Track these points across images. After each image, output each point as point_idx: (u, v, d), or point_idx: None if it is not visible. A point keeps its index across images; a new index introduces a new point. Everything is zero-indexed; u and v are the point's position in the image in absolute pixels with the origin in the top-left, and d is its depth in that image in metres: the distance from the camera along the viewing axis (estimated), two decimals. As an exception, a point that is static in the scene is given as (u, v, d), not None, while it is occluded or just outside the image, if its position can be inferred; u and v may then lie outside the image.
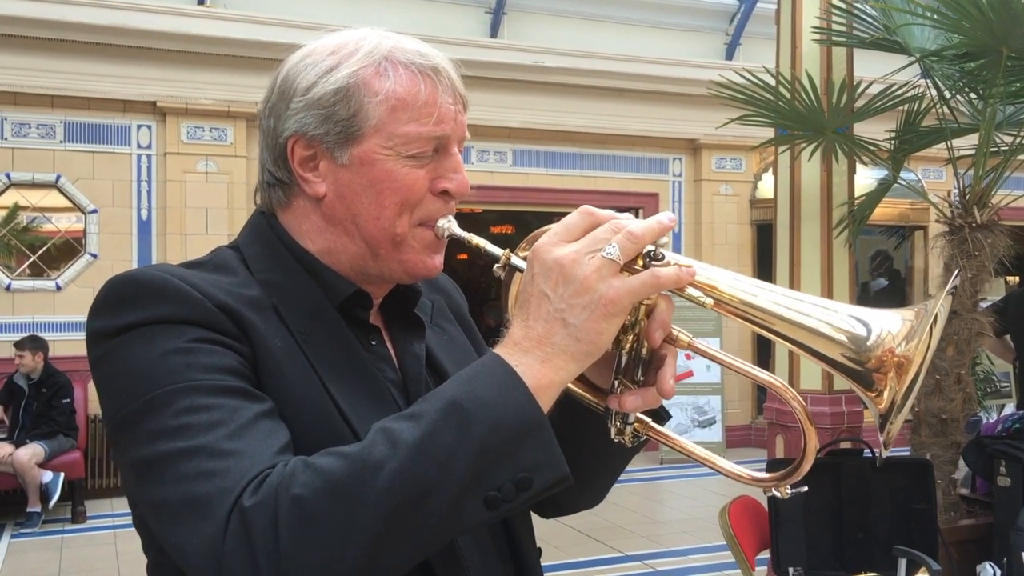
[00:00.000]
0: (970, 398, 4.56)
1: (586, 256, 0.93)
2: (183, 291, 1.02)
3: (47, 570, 6.44)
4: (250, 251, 1.16)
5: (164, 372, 0.97)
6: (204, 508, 0.89)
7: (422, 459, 0.87)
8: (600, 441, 1.12)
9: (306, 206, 1.15)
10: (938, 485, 4.27)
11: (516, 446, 0.89)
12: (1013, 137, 4.72)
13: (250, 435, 0.94)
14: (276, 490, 0.87)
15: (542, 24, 10.34)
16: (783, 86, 4.93)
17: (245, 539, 0.86)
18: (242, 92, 8.92)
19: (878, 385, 0.93)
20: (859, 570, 3.63)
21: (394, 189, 1.10)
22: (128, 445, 0.98)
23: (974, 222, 4.42)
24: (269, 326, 1.07)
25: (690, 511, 7.90)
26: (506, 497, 0.89)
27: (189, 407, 0.94)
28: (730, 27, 11.07)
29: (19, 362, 7.76)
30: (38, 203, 8.63)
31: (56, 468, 7.63)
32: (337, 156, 1.11)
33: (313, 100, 1.11)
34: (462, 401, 0.90)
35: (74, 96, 8.53)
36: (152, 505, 0.96)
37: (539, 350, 0.94)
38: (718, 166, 10.92)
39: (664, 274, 0.94)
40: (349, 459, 0.88)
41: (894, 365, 0.92)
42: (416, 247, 1.13)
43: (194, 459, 0.91)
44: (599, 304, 0.92)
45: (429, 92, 1.10)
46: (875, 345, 0.93)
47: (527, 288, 0.96)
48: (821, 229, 5.26)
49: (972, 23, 4.08)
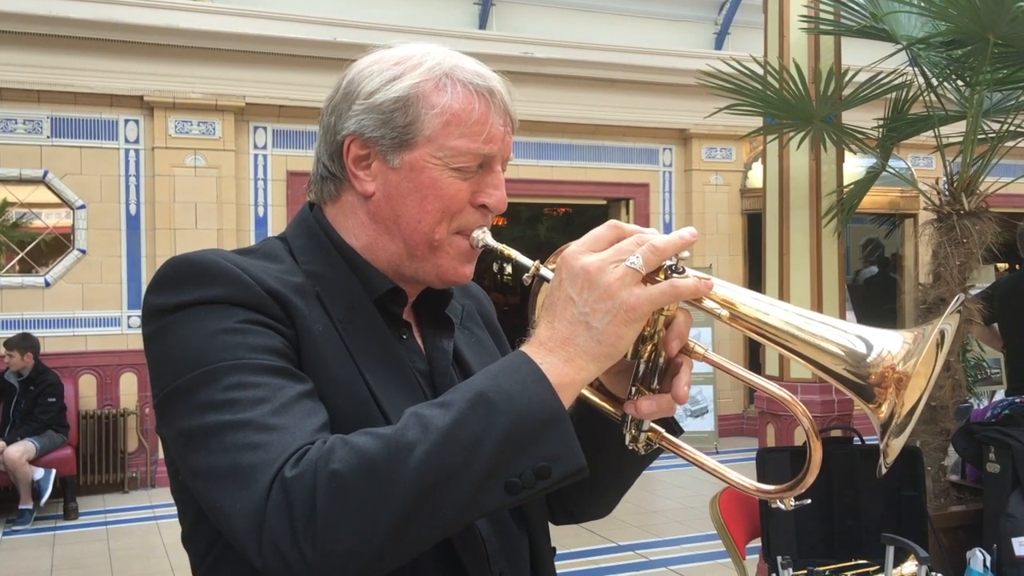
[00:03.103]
0: (960, 385, 4.58)
1: (611, 265, 1.00)
2: (236, 274, 1.10)
3: (39, 567, 6.43)
4: (297, 242, 1.24)
5: (215, 349, 1.04)
6: (248, 477, 0.95)
7: (451, 444, 0.93)
8: (615, 451, 1.20)
9: (353, 202, 1.23)
10: (927, 472, 4.29)
11: (538, 437, 0.95)
12: (1000, 124, 4.73)
13: (292, 412, 1.01)
14: (315, 464, 0.93)
15: (531, 15, 10.32)
16: (771, 75, 4.93)
17: (286, 507, 0.92)
18: (230, 86, 8.90)
19: (879, 398, 0.99)
20: (848, 558, 3.64)
21: (437, 196, 1.17)
22: (177, 415, 1.04)
23: (962, 209, 4.43)
24: (312, 312, 1.14)
25: (682, 501, 7.93)
26: (526, 484, 0.95)
27: (238, 383, 1.01)
28: (719, 16, 11.06)
29: (8, 361, 7.74)
30: (26, 199, 8.59)
31: (48, 465, 7.62)
32: (389, 159, 1.19)
33: (374, 105, 1.18)
34: (489, 393, 0.96)
35: (61, 91, 8.48)
36: (198, 472, 1.01)
37: (563, 350, 1.00)
38: (708, 155, 10.93)
39: (683, 284, 1.01)
40: (384, 440, 0.95)
41: (894, 381, 0.97)
42: (451, 254, 1.21)
43: (241, 431, 0.98)
44: (621, 310, 0.99)
45: (482, 111, 1.18)
46: (876, 362, 0.99)
47: (554, 292, 1.03)
48: (810, 218, 5.27)
49: (958, 10, 4.08)
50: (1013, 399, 4.87)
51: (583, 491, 1.35)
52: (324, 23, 8.97)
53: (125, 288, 8.78)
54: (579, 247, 1.03)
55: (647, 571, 6.10)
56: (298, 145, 9.32)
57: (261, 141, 9.26)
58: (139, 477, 8.65)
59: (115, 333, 8.74)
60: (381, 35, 8.92)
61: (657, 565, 6.20)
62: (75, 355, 8.59)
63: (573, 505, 1.39)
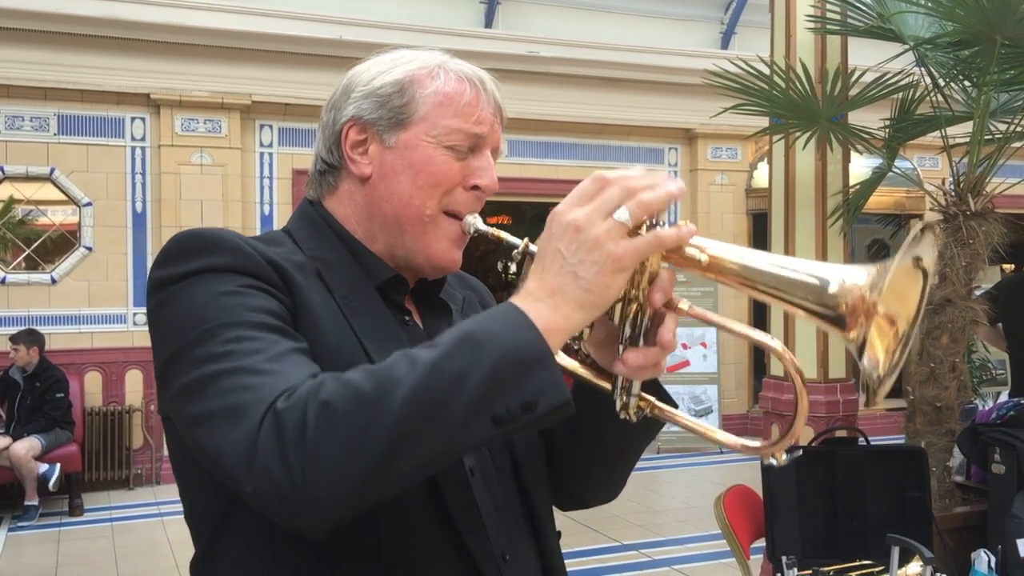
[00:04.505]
0: (965, 386, 4.57)
1: (598, 218, 1.03)
2: (237, 244, 1.14)
3: (44, 563, 6.45)
4: (300, 233, 1.28)
5: (215, 309, 1.07)
6: (241, 413, 0.98)
7: (437, 377, 0.95)
8: (611, 425, 1.22)
9: (351, 189, 1.29)
10: (932, 473, 4.28)
11: (523, 373, 0.97)
12: (1007, 125, 4.72)
13: (286, 361, 1.04)
14: (306, 396, 0.96)
15: (537, 14, 10.31)
16: (777, 75, 4.92)
17: (277, 435, 0.95)
18: (236, 84, 8.91)
19: (850, 327, 1.00)
20: (853, 558, 3.64)
21: (430, 172, 1.24)
22: (177, 375, 1.07)
23: (969, 210, 4.42)
24: (311, 285, 1.19)
25: (686, 500, 7.93)
26: (512, 417, 0.97)
27: (235, 337, 1.05)
28: (725, 16, 11.05)
29: (13, 356, 7.76)
30: (32, 196, 8.61)
31: (53, 461, 7.63)
32: (386, 139, 1.25)
33: (372, 90, 1.26)
34: (476, 333, 0.99)
35: (68, 88, 8.50)
36: (193, 420, 1.03)
37: (551, 299, 1.03)
38: (714, 155, 10.91)
39: (665, 233, 1.04)
40: (372, 373, 0.98)
41: (863, 311, 0.99)
42: (441, 235, 1.26)
43: (236, 376, 1.01)
44: (608, 260, 1.01)
45: (472, 96, 1.26)
46: (842, 293, 1.01)
47: (543, 247, 1.06)
48: (816, 218, 5.26)
49: (966, 11, 4.07)
50: (1018, 400, 4.86)
51: (588, 472, 1.37)
52: (330, 21, 8.98)
53: (131, 285, 8.80)
54: (566, 203, 1.06)
55: (651, 570, 6.10)
56: (304, 143, 9.33)
57: (267, 139, 9.27)
58: (144, 474, 8.68)
59: (121, 330, 8.76)
60: (387, 33, 8.92)
61: (661, 564, 6.20)
62: (81, 352, 8.61)
63: (580, 488, 1.40)
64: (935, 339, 4.47)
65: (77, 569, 6.32)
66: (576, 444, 1.34)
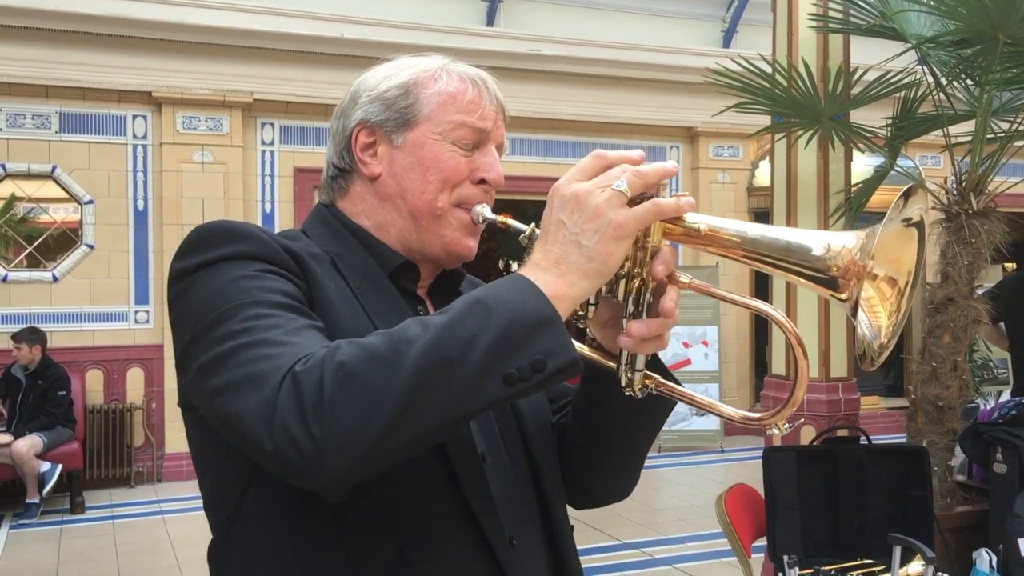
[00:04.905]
0: (967, 385, 4.57)
1: (598, 189, 1.08)
2: (254, 233, 1.19)
3: (46, 561, 6.46)
4: (314, 232, 1.33)
5: (233, 292, 1.11)
6: (261, 380, 1.01)
7: (449, 338, 0.99)
8: (618, 409, 1.29)
9: (362, 189, 1.34)
10: (934, 472, 4.28)
11: (532, 334, 1.01)
12: (1009, 123, 4.71)
13: (304, 335, 1.08)
14: (323, 358, 1.00)
15: (538, 12, 10.31)
16: (779, 73, 4.92)
17: (295, 395, 0.98)
18: (238, 82, 8.91)
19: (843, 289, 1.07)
20: (855, 557, 3.64)
21: (439, 168, 1.28)
22: (196, 356, 1.10)
23: (971, 209, 4.42)
24: (326, 273, 1.23)
25: (687, 499, 7.93)
26: (523, 376, 1.00)
27: (254, 315, 1.08)
28: (727, 14, 11.04)
29: (16, 354, 7.76)
30: (34, 194, 8.62)
31: (55, 459, 7.64)
32: (394, 139, 1.30)
33: (378, 94, 1.31)
34: (486, 299, 1.03)
35: (69, 86, 8.50)
36: (215, 391, 1.06)
37: (556, 268, 1.07)
38: (716, 154, 10.91)
39: (664, 202, 1.08)
40: (386, 335, 1.02)
41: (855, 273, 1.06)
42: (454, 225, 1.30)
43: (255, 348, 1.05)
44: (609, 228, 1.05)
45: (475, 94, 1.31)
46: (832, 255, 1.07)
47: (546, 220, 1.11)
48: (818, 217, 5.25)
49: (968, 9, 4.07)
50: (1020, 399, 4.85)
51: (599, 466, 1.39)
52: (332, 19, 8.97)
53: (132, 283, 8.81)
54: (567, 177, 1.12)
55: (652, 569, 6.10)
56: (305, 141, 9.33)
57: (268, 137, 9.27)
58: (145, 472, 8.68)
59: (122, 328, 8.77)
60: (389, 31, 8.93)
61: (662, 563, 6.20)
62: (82, 350, 8.61)
63: (591, 485, 1.43)
64: (937, 338, 4.46)
65: (78, 567, 6.32)
66: (585, 433, 1.37)
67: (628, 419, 1.33)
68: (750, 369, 10.86)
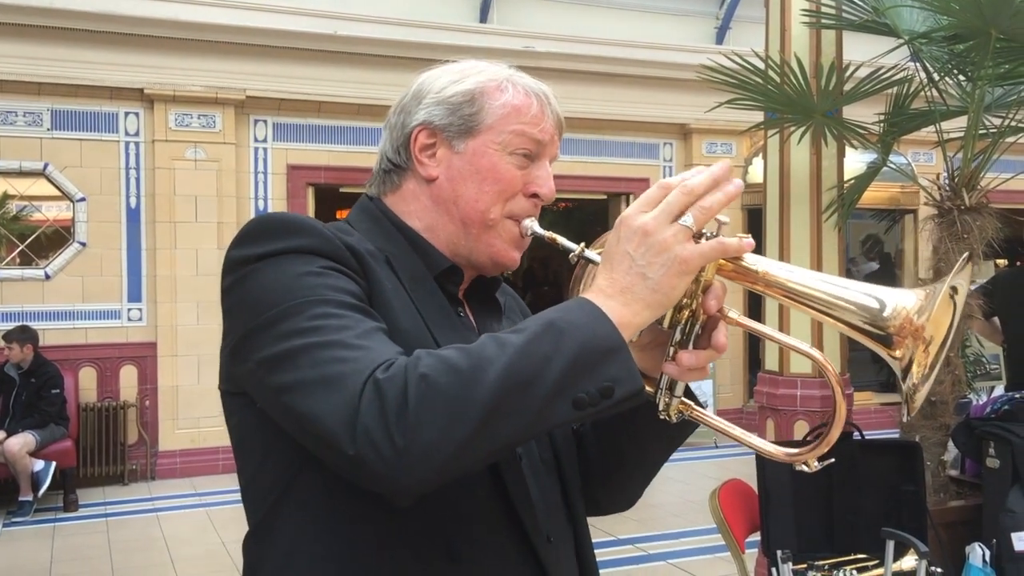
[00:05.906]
0: (960, 380, 4.58)
1: (665, 223, 1.10)
2: (317, 228, 1.20)
3: (39, 559, 6.44)
4: (361, 226, 1.34)
5: (300, 287, 1.12)
6: (340, 383, 1.03)
7: (525, 359, 1.02)
8: (645, 428, 1.33)
9: (416, 189, 1.35)
10: (927, 467, 4.29)
11: (601, 361, 1.04)
12: (1002, 119, 4.72)
13: (375, 339, 1.10)
14: (405, 368, 1.02)
15: (531, 9, 10.30)
16: (772, 70, 4.93)
17: (379, 403, 1.00)
18: (230, 79, 8.88)
19: (897, 346, 1.10)
20: (848, 552, 3.65)
21: (495, 179, 1.31)
22: (258, 348, 1.11)
23: (963, 205, 4.43)
24: (383, 271, 1.25)
25: (681, 495, 7.94)
26: (591, 401, 1.04)
27: (323, 314, 1.09)
28: (720, 11, 11.04)
29: (7, 354, 7.74)
30: (26, 192, 8.59)
31: (48, 457, 7.63)
32: (455, 145, 1.32)
33: (444, 98, 1.33)
34: (558, 322, 1.06)
35: (61, 83, 8.47)
36: (284, 387, 1.07)
37: (621, 296, 1.10)
38: (709, 151, 10.91)
39: (729, 242, 1.12)
40: (466, 352, 1.04)
41: (911, 332, 1.09)
42: (503, 236, 1.33)
43: (329, 349, 1.06)
44: (675, 263, 1.09)
45: (538, 108, 1.34)
46: (893, 316, 1.10)
47: (613, 249, 1.13)
48: (810, 213, 5.27)
49: (960, 5, 4.08)
50: (1013, 394, 4.87)
51: (610, 476, 1.43)
52: (325, 16, 8.95)
53: (125, 281, 8.78)
54: (634, 208, 1.13)
55: (646, 565, 6.12)
56: (298, 139, 9.31)
57: (261, 134, 9.25)
58: (139, 469, 8.66)
59: (115, 326, 8.75)
60: (382, 28, 8.92)
61: (656, 559, 6.21)
62: (75, 347, 8.59)
63: (599, 493, 1.46)
64: (930, 333, 4.47)
65: (72, 564, 6.31)
66: (604, 444, 1.42)
67: (652, 438, 1.37)
68: (743, 365, 10.88)
